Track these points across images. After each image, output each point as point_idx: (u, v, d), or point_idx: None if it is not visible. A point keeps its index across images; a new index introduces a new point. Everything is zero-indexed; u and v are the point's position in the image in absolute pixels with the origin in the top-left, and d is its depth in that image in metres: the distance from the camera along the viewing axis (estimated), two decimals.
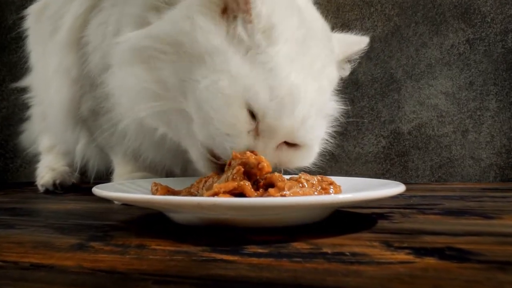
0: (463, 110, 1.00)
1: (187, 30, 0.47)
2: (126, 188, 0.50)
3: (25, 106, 0.97)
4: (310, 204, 0.36)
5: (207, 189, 0.40)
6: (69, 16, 0.63)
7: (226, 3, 0.48)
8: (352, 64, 0.61)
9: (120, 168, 0.69)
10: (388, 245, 0.34)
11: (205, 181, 0.43)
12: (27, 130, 0.99)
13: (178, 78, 0.48)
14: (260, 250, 0.33)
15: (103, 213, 0.54)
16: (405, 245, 0.34)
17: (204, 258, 0.31)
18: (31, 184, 0.93)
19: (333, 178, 0.47)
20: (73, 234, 0.41)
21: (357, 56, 0.60)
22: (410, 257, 0.30)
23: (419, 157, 1.02)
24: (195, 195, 0.42)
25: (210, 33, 0.47)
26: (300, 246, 0.34)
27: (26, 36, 0.80)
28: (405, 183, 0.48)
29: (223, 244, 0.35)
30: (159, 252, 0.33)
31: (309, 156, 0.53)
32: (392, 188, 0.41)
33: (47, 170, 0.84)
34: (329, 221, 0.43)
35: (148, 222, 0.48)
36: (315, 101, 0.49)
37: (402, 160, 1.03)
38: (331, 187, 0.44)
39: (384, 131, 1.04)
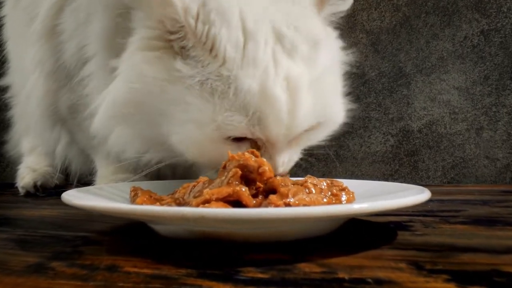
0: (478, 106, 0.93)
1: (138, 87, 0.44)
2: (104, 193, 0.43)
3: (9, 106, 0.90)
4: (320, 216, 0.29)
5: (195, 196, 0.34)
6: (45, 4, 0.58)
7: (165, 34, 0.42)
8: None
9: (103, 170, 0.62)
10: (419, 267, 0.27)
11: (193, 186, 0.36)
12: (11, 138, 0.93)
13: (154, 134, 0.46)
14: (259, 275, 0.26)
15: (80, 222, 0.47)
16: (440, 267, 0.27)
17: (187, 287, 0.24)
18: (14, 185, 0.86)
19: (343, 182, 0.41)
20: (35, 250, 0.34)
21: None
22: (451, 287, 0.24)
23: (430, 157, 0.95)
24: (180, 202, 0.35)
25: (163, 81, 0.42)
26: (309, 268, 0.27)
27: (3, 25, 0.74)
28: (415, 184, 0.42)
29: (214, 264, 0.29)
30: (132, 277, 0.26)
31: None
32: (416, 195, 0.35)
33: (28, 171, 0.77)
34: (340, 233, 0.37)
35: (128, 234, 0.41)
36: (302, 77, 0.42)
37: (412, 160, 0.96)
38: (343, 193, 0.37)
39: (392, 129, 0.97)
